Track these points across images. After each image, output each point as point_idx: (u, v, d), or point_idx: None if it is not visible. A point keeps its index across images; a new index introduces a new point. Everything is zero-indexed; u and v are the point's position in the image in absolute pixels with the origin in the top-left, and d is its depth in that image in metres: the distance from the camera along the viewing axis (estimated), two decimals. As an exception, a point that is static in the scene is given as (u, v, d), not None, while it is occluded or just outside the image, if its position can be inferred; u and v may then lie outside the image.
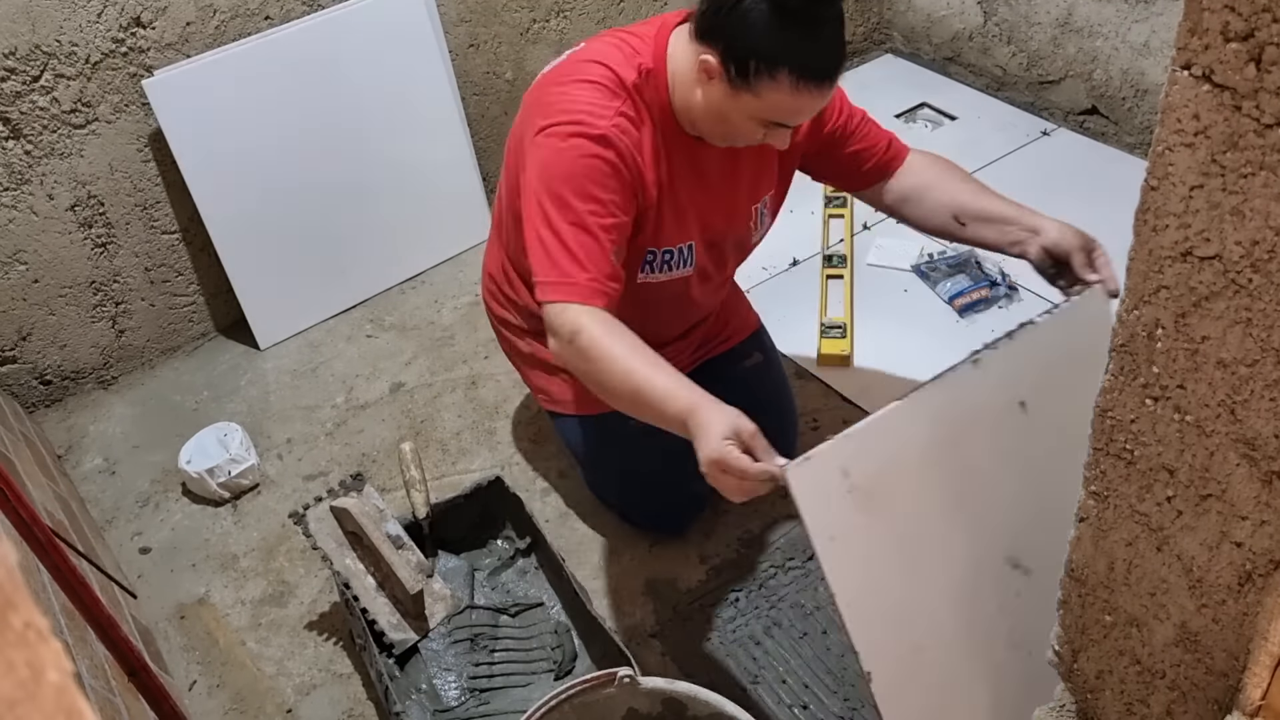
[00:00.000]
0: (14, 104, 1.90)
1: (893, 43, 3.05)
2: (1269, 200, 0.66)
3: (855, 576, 1.13)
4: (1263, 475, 0.76)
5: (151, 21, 1.98)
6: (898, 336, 2.14)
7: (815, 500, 1.11)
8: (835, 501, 1.13)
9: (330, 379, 2.21)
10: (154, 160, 2.10)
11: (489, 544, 1.75)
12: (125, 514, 1.97)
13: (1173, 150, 0.70)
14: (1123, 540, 0.92)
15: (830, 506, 1.12)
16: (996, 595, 1.22)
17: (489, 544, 1.75)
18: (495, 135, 2.52)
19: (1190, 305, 0.75)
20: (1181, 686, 0.93)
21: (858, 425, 1.16)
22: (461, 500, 1.70)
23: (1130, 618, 0.95)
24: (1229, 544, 0.81)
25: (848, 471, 1.13)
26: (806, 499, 1.10)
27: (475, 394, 2.12)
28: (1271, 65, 0.62)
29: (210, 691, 1.66)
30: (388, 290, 2.41)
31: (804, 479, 1.11)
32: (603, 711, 1.30)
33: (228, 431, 1.97)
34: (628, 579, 1.74)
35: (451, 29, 2.32)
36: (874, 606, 1.15)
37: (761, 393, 1.79)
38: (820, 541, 1.10)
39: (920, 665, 1.19)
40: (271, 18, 2.12)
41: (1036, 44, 2.65)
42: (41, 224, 2.02)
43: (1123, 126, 2.55)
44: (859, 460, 1.14)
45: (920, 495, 1.19)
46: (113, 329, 2.21)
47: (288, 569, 1.83)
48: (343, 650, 1.69)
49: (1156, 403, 0.81)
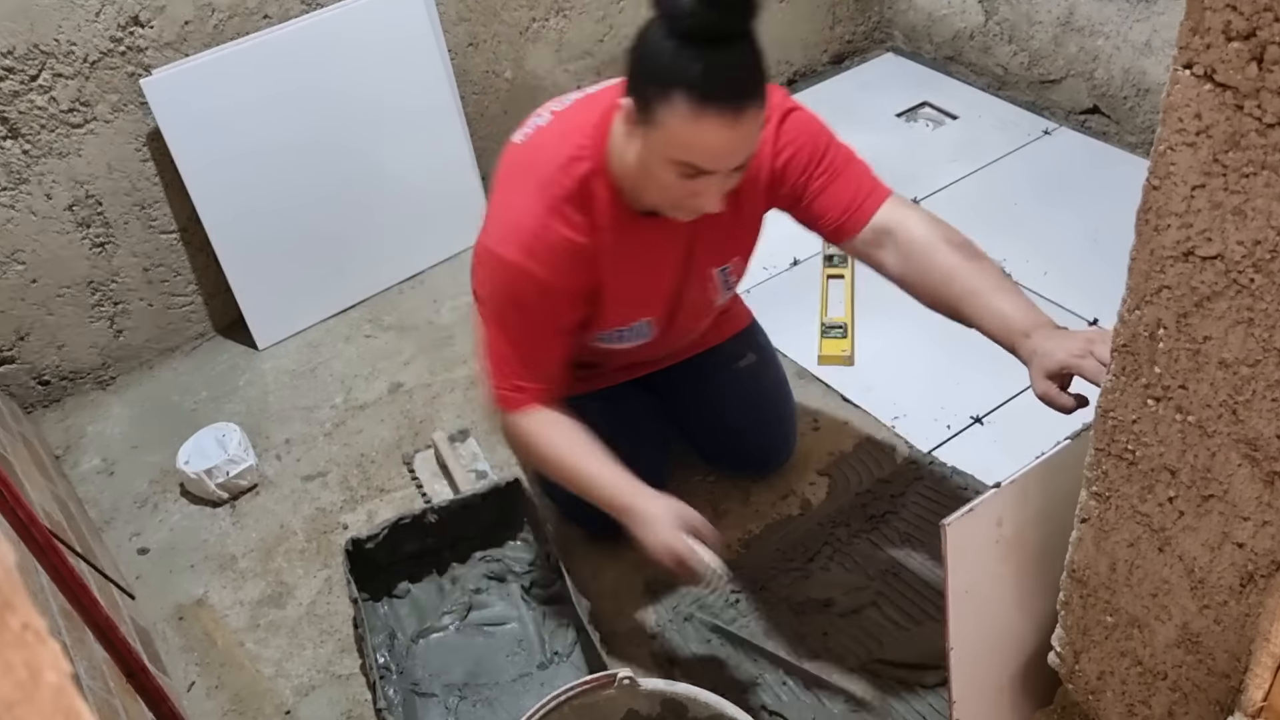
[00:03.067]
0: (12, 103, 1.90)
1: (894, 42, 3.05)
2: (1271, 200, 0.66)
3: (973, 628, 1.11)
4: (1264, 476, 0.75)
5: (150, 21, 1.98)
6: (898, 337, 2.13)
7: (963, 554, 1.07)
8: (982, 553, 1.09)
9: (329, 379, 2.20)
10: (152, 160, 2.10)
11: (505, 544, 1.75)
12: (123, 515, 1.97)
13: (1174, 149, 0.70)
14: (1124, 541, 0.92)
15: (975, 559, 1.09)
16: None
17: (505, 544, 1.75)
18: (494, 134, 2.51)
19: (1192, 305, 0.74)
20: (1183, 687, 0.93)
21: (1020, 472, 1.09)
22: (478, 500, 1.70)
23: (1132, 619, 0.95)
24: (1231, 545, 0.81)
25: (1001, 521, 1.10)
26: (957, 553, 1.06)
27: (475, 394, 2.12)
28: (1273, 64, 0.61)
29: (209, 693, 1.66)
30: (386, 290, 2.41)
31: (960, 533, 1.06)
32: (603, 713, 1.30)
33: (226, 432, 1.97)
34: (628, 579, 1.74)
35: (451, 28, 2.32)
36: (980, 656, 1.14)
37: (757, 394, 1.78)
38: (956, 595, 1.07)
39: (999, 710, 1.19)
40: (270, 17, 2.11)
41: (1038, 43, 2.64)
42: (39, 224, 2.02)
43: (1124, 126, 2.55)
44: (1014, 510, 1.10)
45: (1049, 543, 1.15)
46: (111, 329, 2.20)
47: (286, 570, 1.83)
48: (342, 651, 1.69)
49: (1158, 403, 0.81)
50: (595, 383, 1.67)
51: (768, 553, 1.74)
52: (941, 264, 1.35)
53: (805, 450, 1.89)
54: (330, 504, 1.93)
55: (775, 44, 2.83)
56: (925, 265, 1.36)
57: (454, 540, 1.72)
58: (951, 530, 1.05)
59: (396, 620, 1.68)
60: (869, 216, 1.41)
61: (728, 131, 1.21)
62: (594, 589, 1.72)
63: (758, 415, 1.78)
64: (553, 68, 2.52)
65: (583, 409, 1.48)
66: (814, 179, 1.42)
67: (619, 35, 2.56)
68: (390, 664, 1.60)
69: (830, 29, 2.95)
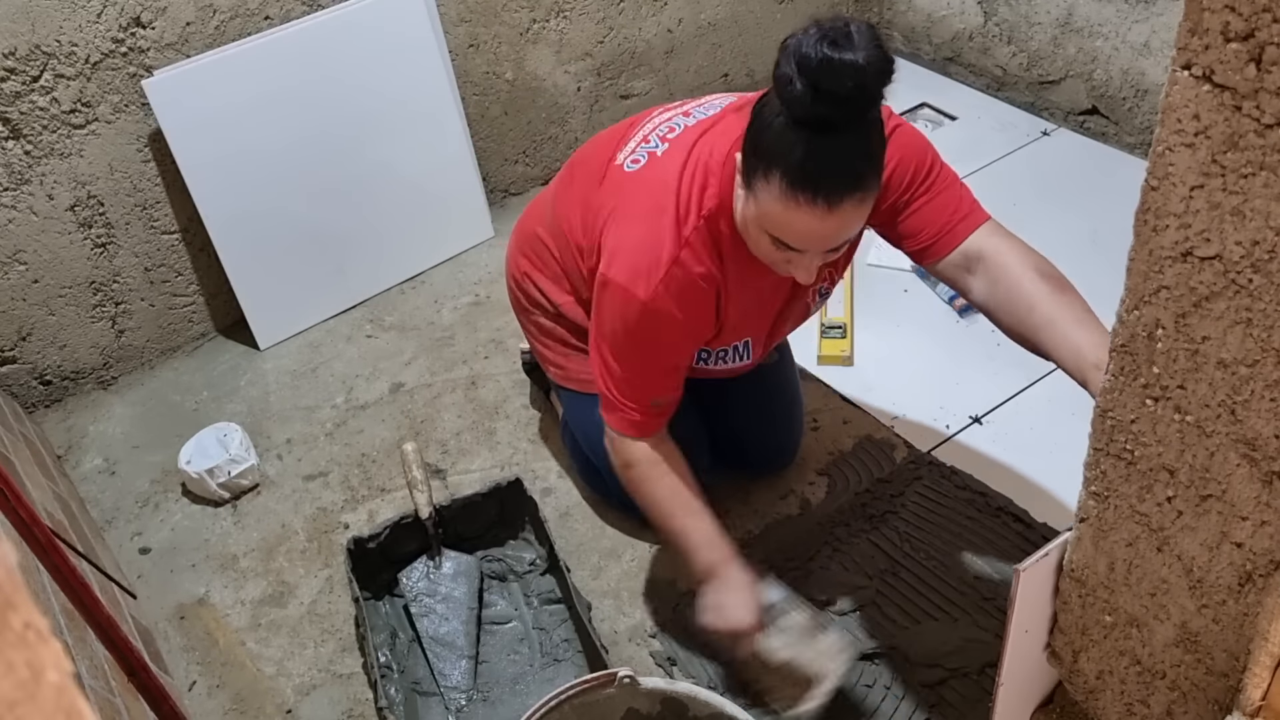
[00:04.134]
0: (14, 104, 1.90)
1: (893, 43, 3.05)
2: (1269, 200, 0.66)
3: (1020, 665, 1.10)
4: (1263, 475, 0.76)
5: (151, 21, 1.98)
6: (898, 337, 2.14)
7: (1030, 597, 1.06)
8: (1043, 595, 1.08)
9: (330, 379, 2.21)
10: (154, 160, 2.10)
11: (507, 544, 1.76)
12: (125, 514, 1.97)
13: (1173, 150, 0.70)
14: (1123, 540, 0.92)
15: (1038, 601, 1.08)
16: None
17: (507, 544, 1.76)
18: (495, 135, 2.52)
19: (1190, 305, 0.74)
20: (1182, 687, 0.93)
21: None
22: (479, 499, 1.70)
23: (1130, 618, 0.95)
24: (1229, 544, 0.81)
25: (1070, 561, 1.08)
26: (1025, 597, 1.05)
27: (475, 394, 2.12)
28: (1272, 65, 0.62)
29: (210, 692, 1.66)
30: (387, 290, 2.41)
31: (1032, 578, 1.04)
32: (603, 711, 1.30)
33: (227, 432, 1.97)
34: (628, 579, 1.74)
35: (451, 29, 2.32)
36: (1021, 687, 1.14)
37: (775, 390, 1.79)
38: (1016, 636, 1.06)
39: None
40: (271, 18, 2.12)
41: (1037, 44, 2.65)
42: (41, 224, 2.02)
43: (1123, 127, 2.55)
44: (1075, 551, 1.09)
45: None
46: (112, 329, 2.21)
47: (287, 569, 1.83)
48: (343, 651, 1.69)
49: (1157, 403, 0.81)
50: None
51: (768, 552, 1.74)
52: (1027, 292, 1.33)
53: (805, 450, 1.89)
54: (331, 503, 1.93)
55: (774, 46, 2.83)
56: (1012, 293, 1.35)
57: (455, 540, 1.72)
58: (1025, 576, 1.03)
59: (398, 619, 1.68)
60: (961, 240, 1.39)
61: (819, 221, 1.20)
62: (594, 589, 1.73)
63: (771, 411, 1.80)
64: (553, 69, 2.52)
65: None
66: (916, 197, 1.40)
67: (619, 36, 2.57)
68: (391, 663, 1.60)
69: (831, 29, 2.95)
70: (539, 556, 1.73)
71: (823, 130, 1.14)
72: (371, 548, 1.66)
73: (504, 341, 2.22)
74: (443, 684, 1.59)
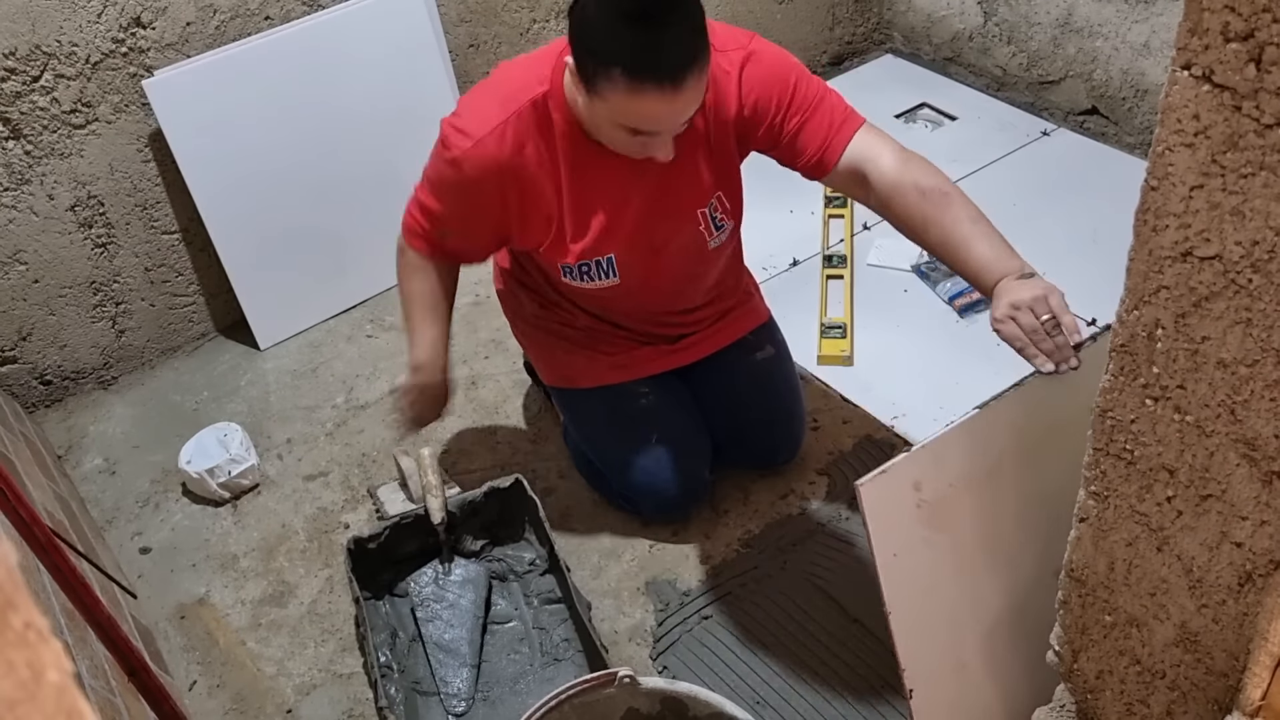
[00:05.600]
0: (14, 104, 1.90)
1: (893, 43, 3.05)
2: (1269, 200, 0.66)
3: (911, 593, 1.11)
4: (1263, 475, 0.76)
5: (151, 22, 1.98)
6: (898, 337, 2.14)
7: (884, 516, 1.08)
8: (904, 517, 1.10)
9: (330, 379, 2.21)
10: (154, 160, 2.10)
11: (507, 544, 1.76)
12: (125, 514, 1.97)
13: (1173, 150, 0.70)
14: (1123, 540, 0.92)
15: (898, 522, 1.09)
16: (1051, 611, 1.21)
17: (507, 544, 1.76)
18: (495, 135, 2.52)
19: (1190, 305, 0.75)
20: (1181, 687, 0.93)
21: (932, 437, 1.11)
22: (480, 500, 1.70)
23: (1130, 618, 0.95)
24: (1229, 544, 0.81)
25: (919, 485, 1.10)
26: (876, 515, 1.07)
27: (475, 394, 2.12)
28: (1271, 65, 0.62)
29: (210, 692, 1.66)
30: (388, 290, 2.41)
31: (875, 493, 1.07)
32: (603, 711, 1.30)
33: (228, 432, 1.97)
34: (628, 579, 1.74)
35: (452, 29, 2.32)
36: (925, 624, 1.13)
37: (772, 386, 1.79)
38: (883, 558, 1.07)
39: (962, 684, 1.18)
40: (272, 18, 2.12)
41: (1036, 44, 2.65)
42: (41, 224, 2.02)
43: (1123, 127, 2.55)
44: (932, 474, 1.10)
45: (986, 511, 1.15)
46: (113, 329, 2.21)
47: (288, 569, 1.83)
48: (343, 650, 1.69)
49: (1156, 403, 0.81)
50: (635, 370, 1.71)
51: (767, 552, 1.74)
52: (915, 213, 1.39)
53: (805, 450, 1.89)
54: (332, 503, 1.93)
55: (776, 44, 2.83)
56: (901, 211, 1.40)
57: (455, 540, 1.72)
58: (865, 490, 1.06)
59: (398, 619, 1.68)
60: (841, 150, 1.44)
61: (668, 103, 1.27)
62: (594, 589, 1.73)
63: (771, 406, 1.80)
64: (553, 68, 2.52)
65: (633, 394, 1.67)
66: (789, 118, 1.45)
67: (619, 35, 2.57)
68: (392, 663, 1.60)
69: (829, 30, 2.96)
70: (539, 556, 1.73)
71: (648, 19, 1.21)
72: (372, 548, 1.66)
73: (504, 341, 2.22)
74: (443, 690, 1.59)
